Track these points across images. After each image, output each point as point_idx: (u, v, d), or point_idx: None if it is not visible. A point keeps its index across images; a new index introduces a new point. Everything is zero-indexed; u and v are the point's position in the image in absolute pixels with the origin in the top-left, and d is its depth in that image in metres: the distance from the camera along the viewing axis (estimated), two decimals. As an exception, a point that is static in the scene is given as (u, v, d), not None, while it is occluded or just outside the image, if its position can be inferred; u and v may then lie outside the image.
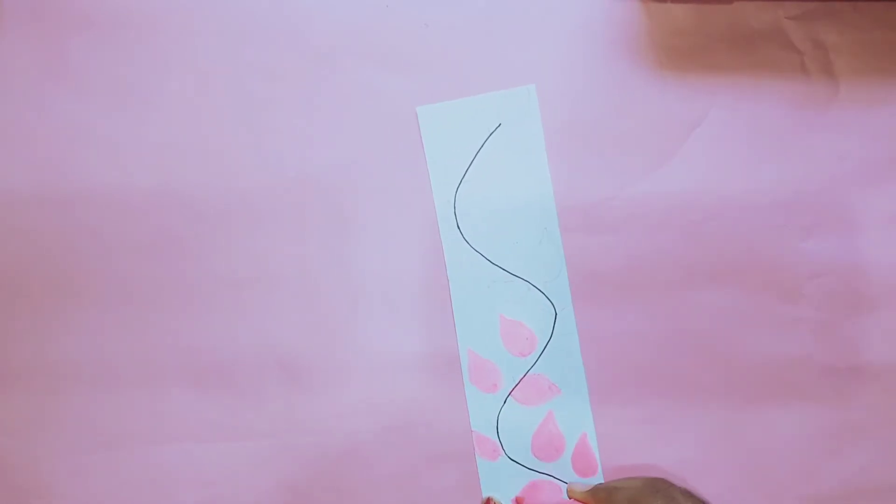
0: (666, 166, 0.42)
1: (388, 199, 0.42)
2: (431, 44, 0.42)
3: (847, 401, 0.43)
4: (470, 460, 0.42)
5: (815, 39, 0.42)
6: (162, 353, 0.42)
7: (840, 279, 0.43)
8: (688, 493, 0.37)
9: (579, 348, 0.43)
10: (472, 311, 0.42)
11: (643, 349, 0.42)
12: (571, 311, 0.42)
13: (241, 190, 0.42)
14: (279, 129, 0.42)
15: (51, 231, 0.42)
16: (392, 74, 0.42)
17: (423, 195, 0.42)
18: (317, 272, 0.42)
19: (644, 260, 0.42)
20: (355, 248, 0.42)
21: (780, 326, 0.43)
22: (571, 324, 0.43)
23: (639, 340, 0.42)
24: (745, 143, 0.43)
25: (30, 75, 0.42)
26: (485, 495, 0.42)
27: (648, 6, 0.42)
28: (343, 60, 0.42)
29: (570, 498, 0.41)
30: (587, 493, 0.40)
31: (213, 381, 0.42)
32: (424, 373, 0.42)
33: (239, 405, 0.42)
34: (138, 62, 0.42)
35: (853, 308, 0.43)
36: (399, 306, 0.42)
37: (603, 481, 0.42)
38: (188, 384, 0.42)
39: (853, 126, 0.43)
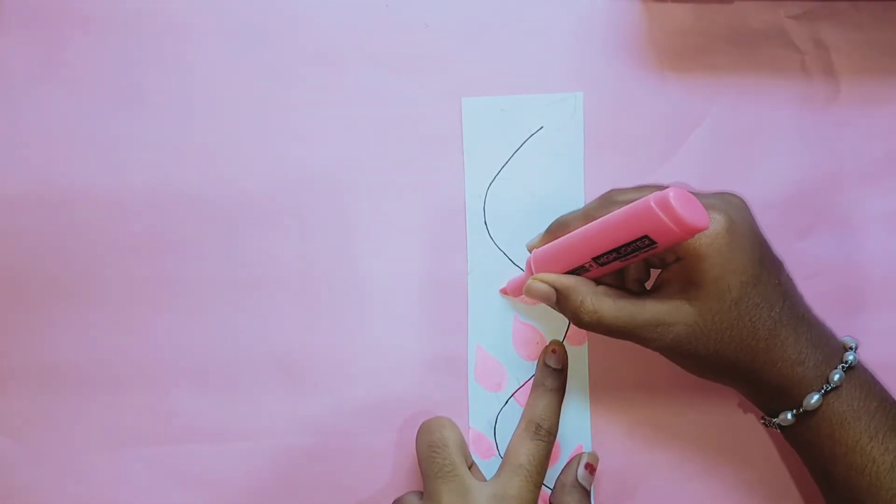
0: (666, 166, 0.42)
1: (391, 197, 0.42)
2: (431, 44, 0.42)
3: (846, 401, 0.43)
4: (465, 458, 0.42)
5: (816, 39, 0.42)
6: (162, 353, 0.42)
7: (838, 279, 0.43)
8: (638, 187, 0.38)
9: (587, 361, 0.43)
10: (486, 309, 0.42)
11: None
12: None
13: (241, 190, 0.42)
14: (279, 128, 0.42)
15: (50, 231, 0.42)
16: (393, 74, 0.42)
17: (435, 192, 0.42)
18: (318, 271, 0.42)
19: (643, 260, 0.42)
20: (357, 246, 0.42)
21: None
22: (582, 334, 0.43)
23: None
24: (745, 143, 0.43)
25: (30, 75, 0.42)
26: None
27: (648, 6, 0.42)
28: (343, 60, 0.42)
29: (531, 249, 0.40)
30: (543, 234, 0.40)
31: (213, 381, 0.42)
32: (427, 371, 0.42)
33: (239, 405, 0.42)
34: (138, 62, 0.42)
35: (851, 307, 0.43)
36: (405, 303, 0.42)
37: (591, 497, 0.42)
38: (188, 384, 0.42)
39: (853, 126, 0.43)
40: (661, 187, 0.34)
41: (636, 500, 0.43)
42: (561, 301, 0.37)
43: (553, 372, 0.40)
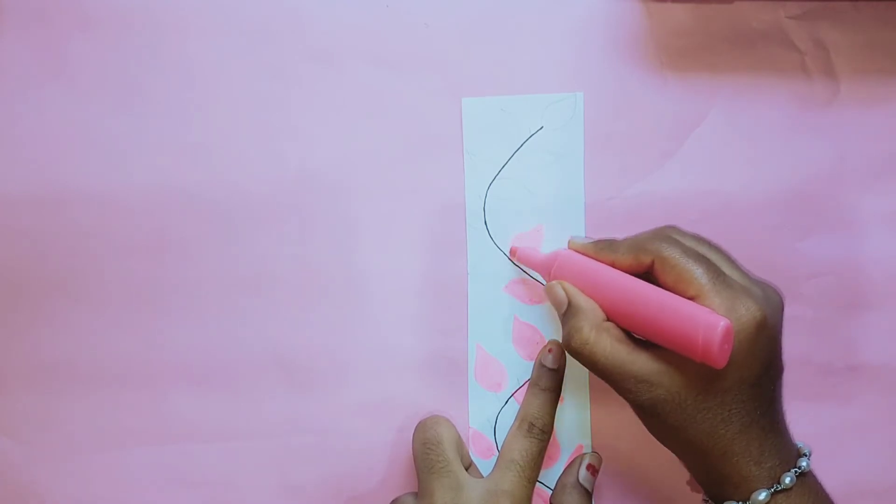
0: (666, 166, 0.42)
1: (391, 197, 0.42)
2: (431, 44, 0.42)
3: (845, 401, 0.43)
4: (465, 458, 0.42)
5: (815, 39, 0.42)
6: (162, 353, 0.42)
7: (838, 279, 0.43)
8: (696, 237, 0.37)
9: None
10: (486, 309, 0.42)
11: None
12: None
13: (241, 190, 0.42)
14: (279, 128, 0.42)
15: (50, 231, 0.42)
16: (393, 74, 0.42)
17: (435, 192, 0.42)
18: (318, 271, 0.42)
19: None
20: (357, 246, 0.42)
21: (779, 327, 0.43)
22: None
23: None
24: (745, 143, 0.43)
25: (30, 75, 0.42)
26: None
27: (648, 6, 0.42)
28: (343, 60, 0.42)
29: (570, 249, 0.39)
30: (589, 245, 0.38)
31: (213, 382, 0.42)
32: (427, 371, 0.42)
33: (239, 405, 0.42)
34: (138, 62, 0.42)
35: (851, 308, 0.43)
36: (405, 303, 0.42)
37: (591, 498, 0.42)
38: (188, 384, 0.42)
39: (853, 126, 0.43)
40: (715, 249, 0.36)
41: (636, 500, 0.43)
42: (566, 315, 0.37)
43: (549, 372, 0.40)
